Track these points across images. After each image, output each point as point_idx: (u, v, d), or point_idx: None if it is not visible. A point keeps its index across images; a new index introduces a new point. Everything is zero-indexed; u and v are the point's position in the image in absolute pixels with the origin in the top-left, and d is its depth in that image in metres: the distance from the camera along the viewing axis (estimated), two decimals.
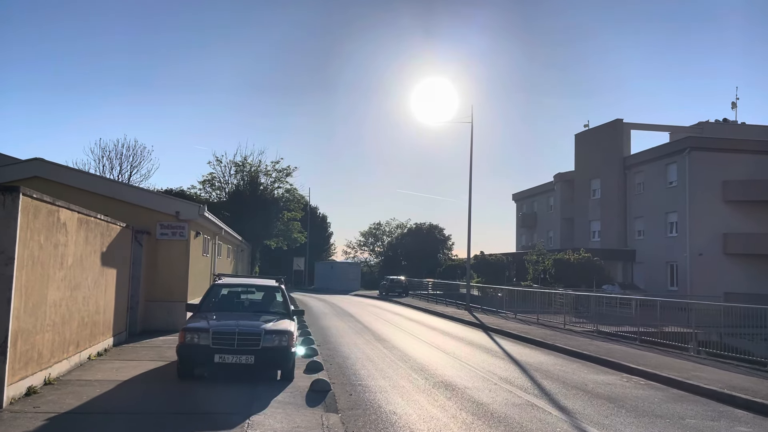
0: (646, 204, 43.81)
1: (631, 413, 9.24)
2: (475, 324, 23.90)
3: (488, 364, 13.73)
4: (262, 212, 41.29)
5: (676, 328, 19.59)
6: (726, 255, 38.87)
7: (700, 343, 20.11)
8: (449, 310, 30.53)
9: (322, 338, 17.56)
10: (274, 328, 9.69)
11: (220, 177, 45.72)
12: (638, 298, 20.80)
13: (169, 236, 16.82)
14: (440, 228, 76.51)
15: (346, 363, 13.11)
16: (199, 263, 18.82)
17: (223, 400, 8.45)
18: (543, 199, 61.75)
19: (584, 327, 22.38)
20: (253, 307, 11.09)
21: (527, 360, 14.70)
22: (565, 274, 36.22)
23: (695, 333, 20.58)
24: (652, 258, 42.56)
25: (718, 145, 39.92)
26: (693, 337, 20.61)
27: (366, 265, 76.56)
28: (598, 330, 20.70)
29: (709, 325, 19.37)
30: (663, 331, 19.57)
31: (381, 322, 23.92)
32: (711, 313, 20.26)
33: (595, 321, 22.11)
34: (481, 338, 19.38)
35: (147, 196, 17.34)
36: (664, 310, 20.10)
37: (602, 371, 13.35)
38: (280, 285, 11.64)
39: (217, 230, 22.18)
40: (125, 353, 12.33)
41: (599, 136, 48.78)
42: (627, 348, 16.88)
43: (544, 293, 26.38)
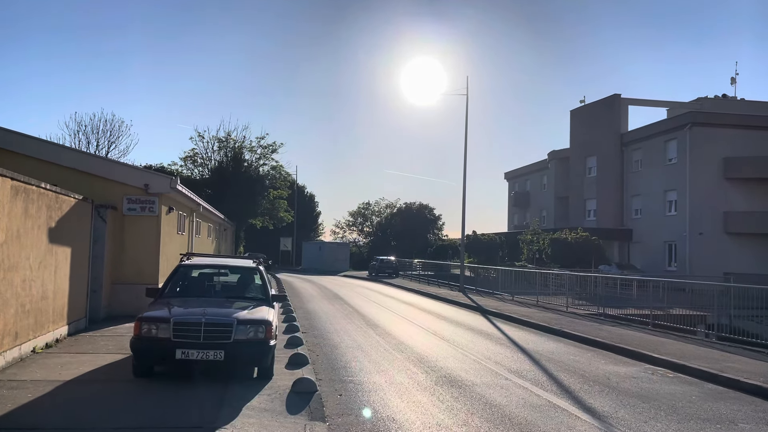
0: (644, 182, 42.50)
1: (671, 416, 7.82)
2: (471, 307, 22.50)
3: (494, 354, 12.29)
4: (246, 190, 39.54)
5: (682, 310, 18.38)
6: (727, 234, 37.73)
7: (709, 326, 18.98)
8: (443, 292, 29.15)
9: (308, 324, 16.05)
10: (249, 317, 8.12)
11: (203, 153, 43.86)
12: (652, 279, 19.42)
13: (138, 211, 15.14)
14: (430, 208, 75.09)
15: (334, 354, 11.61)
16: (172, 242, 17.17)
17: (183, 408, 6.91)
18: (536, 177, 60.38)
19: (588, 310, 21.06)
20: (226, 292, 9.48)
21: (535, 348, 13.28)
22: (563, 254, 34.94)
23: (705, 316, 19.46)
24: (649, 237, 41.38)
25: (720, 120, 38.54)
26: (702, 320, 19.47)
27: (355, 245, 75.02)
28: (605, 313, 19.36)
29: (714, 307, 18.19)
30: (669, 313, 18.36)
31: (372, 305, 22.46)
32: (712, 295, 19.16)
33: (598, 303, 20.78)
34: (480, 322, 17.97)
35: (112, 167, 15.60)
36: (666, 291, 18.92)
37: (621, 361, 11.95)
38: (258, 266, 10.05)
39: (194, 206, 20.50)
40: (80, 344, 10.73)
41: (596, 112, 47.27)
42: (640, 333, 15.53)
43: (545, 274, 24.98)
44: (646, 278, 20.14)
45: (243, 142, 43.02)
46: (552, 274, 24.76)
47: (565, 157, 52.59)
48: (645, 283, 19.98)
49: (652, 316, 17.32)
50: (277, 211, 45.10)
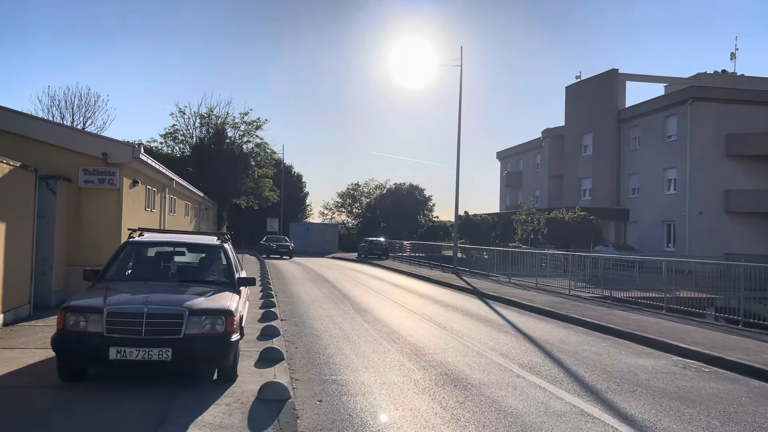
0: (642, 160, 41.11)
1: (729, 425, 6.33)
2: (467, 290, 21.02)
3: (498, 344, 10.78)
4: (228, 167, 37.68)
5: (689, 292, 17.05)
6: (727, 213, 36.51)
7: (717, 309, 17.68)
8: (435, 274, 27.66)
9: (289, 310, 14.47)
10: (205, 306, 6.51)
11: (184, 130, 41.82)
12: (664, 259, 17.97)
13: (96, 184, 13.42)
14: (420, 189, 73.53)
15: (316, 346, 10.04)
16: (138, 219, 15.45)
17: (108, 428, 5.31)
18: (529, 156, 58.91)
19: (591, 292, 19.68)
20: (183, 275, 7.81)
21: (544, 336, 11.80)
22: (559, 234, 33.56)
23: (714, 299, 18.15)
24: (647, 217, 40.11)
25: (723, 95, 37.11)
26: (711, 302, 18.15)
27: (344, 226, 73.42)
28: (612, 297, 17.96)
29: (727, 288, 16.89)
30: (677, 296, 16.99)
31: (361, 288, 20.91)
32: (720, 276, 17.95)
33: (603, 286, 19.40)
34: (478, 307, 16.49)
35: (64, 134, 13.82)
36: (673, 273, 17.63)
37: (644, 353, 10.48)
38: (222, 243, 8.39)
39: (165, 181, 18.75)
40: (12, 337, 9.07)
41: (592, 88, 45.70)
42: (655, 318, 14.10)
43: (544, 255, 23.51)
44: (660, 258, 18.67)
45: (226, 118, 41.06)
46: (552, 254, 23.27)
47: (559, 135, 51.11)
48: (655, 264, 18.56)
49: (666, 299, 15.91)
50: (261, 190, 43.30)
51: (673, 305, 15.66)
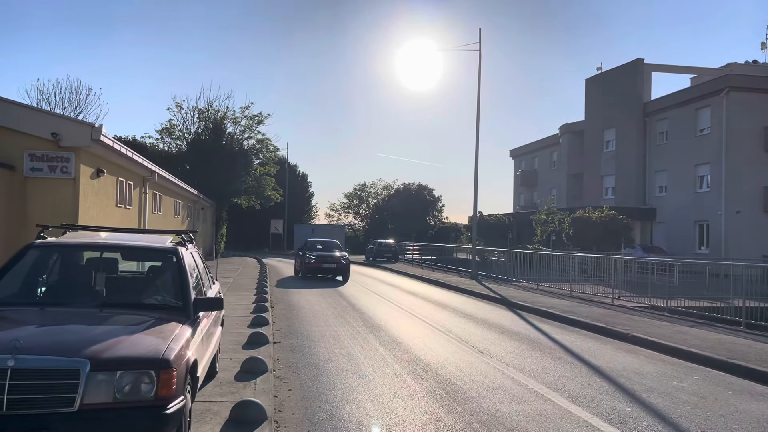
0: (670, 156, 38.25)
1: None
2: (492, 298, 18.33)
3: (558, 378, 8.10)
4: (227, 164, 35.07)
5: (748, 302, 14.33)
6: (766, 213, 33.66)
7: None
8: (452, 279, 24.96)
9: (286, 327, 11.82)
10: (121, 353, 3.85)
11: (181, 125, 39.25)
12: (740, 264, 15.26)
13: (46, 172, 10.88)
14: (430, 189, 71.04)
15: (317, 386, 7.38)
16: (108, 218, 12.87)
17: None
18: (545, 154, 56.12)
19: (637, 301, 17.01)
20: (111, 296, 5.16)
21: (611, 365, 9.11)
22: (586, 234, 30.79)
23: None
24: (676, 217, 37.24)
25: (762, 84, 34.21)
26: None
27: (350, 228, 70.88)
28: (668, 307, 15.24)
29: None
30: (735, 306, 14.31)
31: (371, 297, 18.25)
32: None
33: (651, 294, 16.72)
34: (512, 321, 13.80)
35: (2, 108, 11.18)
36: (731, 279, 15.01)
37: (763, 395, 7.77)
38: (176, 247, 5.71)
39: (144, 173, 16.16)
40: None
41: (615, 80, 42.88)
42: (742, 340, 11.34)
43: (587, 259, 20.79)
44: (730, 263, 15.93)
45: (226, 112, 38.48)
46: (588, 257, 20.52)
47: (579, 130, 48.30)
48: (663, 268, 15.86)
49: (745, 311, 13.13)
50: (263, 189, 40.64)
51: (755, 320, 12.91)
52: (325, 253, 24.23)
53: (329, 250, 24.92)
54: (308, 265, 23.33)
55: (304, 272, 23.58)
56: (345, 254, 24.55)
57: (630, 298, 17.48)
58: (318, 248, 25.10)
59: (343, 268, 23.61)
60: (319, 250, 24.83)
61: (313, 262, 23.28)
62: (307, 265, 23.39)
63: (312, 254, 23.75)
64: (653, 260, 19.28)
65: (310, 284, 21.87)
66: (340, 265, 23.60)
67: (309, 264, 23.32)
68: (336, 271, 23.65)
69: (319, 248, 25.14)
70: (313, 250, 24.61)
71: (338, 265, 23.56)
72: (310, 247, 25.09)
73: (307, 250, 24.44)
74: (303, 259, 23.82)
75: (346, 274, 23.94)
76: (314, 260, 23.29)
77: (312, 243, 25.96)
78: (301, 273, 23.93)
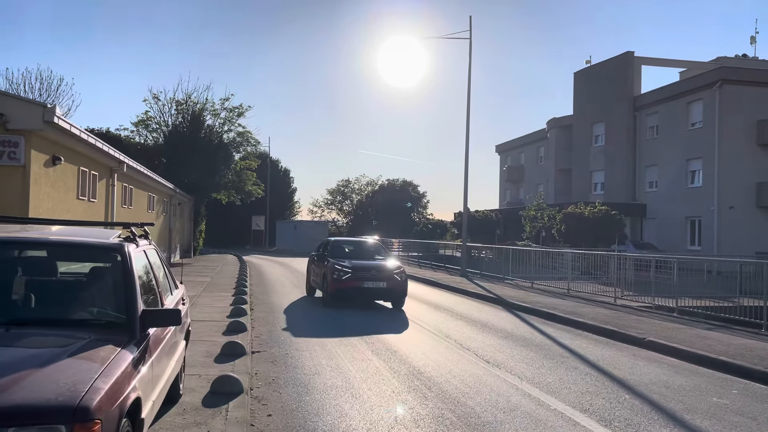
0: (660, 150, 37.52)
1: None
2: (487, 298, 17.24)
3: (580, 395, 6.99)
4: (206, 158, 33.59)
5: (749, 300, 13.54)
6: (759, 208, 33.02)
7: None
8: (442, 277, 23.87)
9: (267, 334, 10.57)
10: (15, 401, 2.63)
11: (158, 117, 37.61)
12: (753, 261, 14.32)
13: None
14: (414, 185, 70.21)
15: (302, 407, 6.18)
16: (65, 210, 11.52)
17: None
18: (532, 149, 55.28)
19: (640, 301, 16.04)
20: (29, 308, 3.86)
21: (636, 377, 8.04)
22: (578, 230, 29.86)
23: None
24: (667, 213, 36.51)
25: (756, 78, 33.57)
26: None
27: (334, 225, 69.62)
28: (677, 307, 14.26)
29: None
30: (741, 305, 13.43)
31: None
32: None
33: (654, 293, 15.80)
34: (513, 324, 12.70)
35: None
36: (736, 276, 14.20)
37: None
38: (122, 244, 4.43)
39: (112, 163, 14.78)
40: None
41: (604, 73, 42.06)
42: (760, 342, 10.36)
43: (585, 256, 19.80)
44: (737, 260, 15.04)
45: (205, 104, 36.93)
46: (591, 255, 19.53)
47: (567, 125, 47.46)
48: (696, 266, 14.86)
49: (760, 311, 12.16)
50: (244, 184, 39.19)
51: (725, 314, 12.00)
52: (365, 261, 15.06)
53: (369, 255, 15.94)
54: (340, 283, 13.98)
55: (333, 296, 14.15)
56: (399, 265, 15.28)
57: (632, 298, 16.52)
58: (349, 252, 16.08)
59: (397, 288, 14.33)
60: (352, 255, 15.76)
61: (347, 278, 13.99)
62: (337, 282, 13.98)
63: (344, 263, 14.43)
64: (656, 257, 18.36)
65: (294, 282, 20.54)
66: (394, 284, 14.25)
67: (341, 280, 13.97)
68: (387, 293, 14.42)
69: (351, 252, 16.11)
70: (342, 255, 15.46)
71: (390, 284, 14.21)
72: (335, 250, 15.79)
73: (333, 255, 15.20)
74: (328, 270, 14.39)
75: (401, 298, 14.60)
76: (349, 274, 14.06)
77: (338, 244, 16.55)
78: (327, 296, 14.37)
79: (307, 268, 17.52)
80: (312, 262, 16.92)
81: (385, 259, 15.68)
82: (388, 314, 13.84)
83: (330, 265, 14.44)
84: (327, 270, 14.48)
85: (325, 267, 14.74)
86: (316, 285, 16.07)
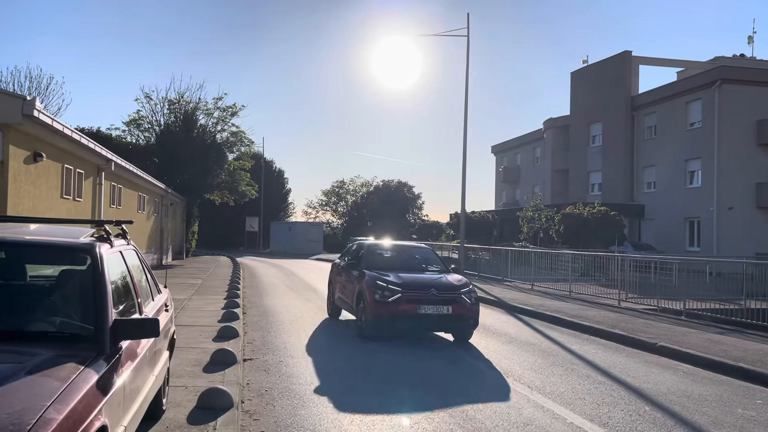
0: (659, 150, 37.15)
1: None
2: (487, 300, 16.73)
3: (596, 406, 6.50)
4: (199, 157, 33.01)
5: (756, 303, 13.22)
6: (759, 209, 32.70)
7: None
8: None
9: (260, 339, 10.03)
10: None
11: (150, 117, 36.99)
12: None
13: None
14: (410, 186, 69.65)
15: (297, 422, 5.66)
16: (47, 209, 10.97)
17: None
18: (528, 150, 54.94)
19: (645, 303, 15.64)
20: None
21: (653, 386, 7.56)
22: (577, 231, 29.44)
23: None
24: (666, 213, 36.15)
25: (755, 77, 33.26)
26: None
27: (328, 226, 69.11)
28: (685, 311, 13.82)
29: None
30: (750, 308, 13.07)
31: None
32: None
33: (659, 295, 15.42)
34: (517, 328, 12.22)
35: None
36: None
37: None
38: (94, 244, 3.80)
39: (98, 161, 14.23)
40: None
41: (602, 73, 41.70)
42: None
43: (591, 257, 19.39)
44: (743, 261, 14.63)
45: (198, 103, 36.33)
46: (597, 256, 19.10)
47: (564, 125, 47.08)
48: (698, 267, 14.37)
49: None
50: (237, 184, 38.59)
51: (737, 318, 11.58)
52: (417, 275, 10.71)
53: (419, 266, 11.50)
54: (385, 307, 9.74)
55: (375, 324, 9.87)
56: (466, 281, 10.70)
57: (637, 300, 16.11)
58: (391, 261, 11.53)
59: (467, 314, 9.98)
60: (396, 265, 11.18)
61: (396, 300, 9.73)
62: (381, 305, 9.77)
63: (388, 278, 10.17)
64: (661, 258, 17.95)
65: (288, 284, 20.01)
66: (462, 309, 9.93)
67: (387, 303, 9.75)
68: (452, 322, 9.99)
69: (393, 261, 11.54)
70: (382, 265, 11.07)
71: (457, 308, 9.88)
72: (372, 258, 11.45)
73: (370, 265, 10.97)
74: (365, 287, 10.10)
75: (470, 329, 10.26)
76: (399, 294, 9.80)
77: (375, 250, 12.05)
78: (366, 324, 10.03)
79: (329, 280, 13.16)
80: (337, 272, 12.56)
81: (444, 272, 11.04)
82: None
83: (369, 280, 9.98)
84: (364, 287, 9.99)
85: (359, 282, 10.29)
86: (343, 305, 11.64)
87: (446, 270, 11.40)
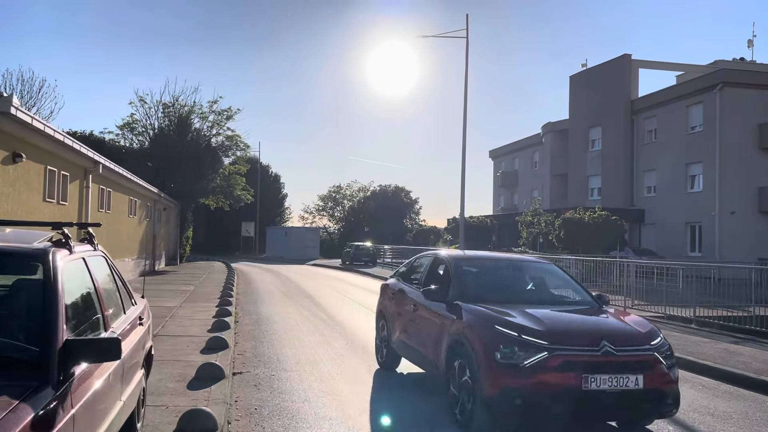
0: (659, 154, 36.75)
1: None
2: None
3: None
4: (193, 162, 32.47)
5: None
6: (761, 213, 32.29)
7: None
8: None
9: (251, 350, 9.47)
10: None
11: (144, 120, 36.44)
12: None
13: None
14: (407, 190, 69.24)
15: None
16: (28, 213, 10.42)
17: None
18: (526, 154, 54.54)
19: (651, 311, 15.15)
20: None
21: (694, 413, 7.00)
22: (577, 237, 28.96)
23: None
24: (666, 218, 35.71)
25: (757, 80, 32.89)
26: None
27: (325, 231, 68.55)
28: (696, 318, 13.32)
29: None
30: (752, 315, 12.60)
31: (353, 308, 16.02)
32: None
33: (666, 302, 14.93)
34: None
35: None
36: None
37: None
38: (49, 251, 3.25)
39: (85, 163, 13.67)
40: None
41: (601, 77, 41.33)
42: None
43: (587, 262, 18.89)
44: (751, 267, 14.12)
45: (192, 107, 35.80)
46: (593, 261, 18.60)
47: (562, 129, 46.69)
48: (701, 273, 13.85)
49: None
50: (233, 189, 38.04)
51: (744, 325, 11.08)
52: (564, 314, 6.23)
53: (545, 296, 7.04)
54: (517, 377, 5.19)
55: (495, 408, 5.23)
56: (653, 328, 6.08)
57: (643, 307, 15.61)
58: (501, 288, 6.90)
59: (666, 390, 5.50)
60: (511, 296, 6.67)
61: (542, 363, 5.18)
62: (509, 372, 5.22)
63: (516, 320, 5.63)
64: (666, 264, 17.46)
65: (283, 291, 19.42)
66: (659, 377, 5.48)
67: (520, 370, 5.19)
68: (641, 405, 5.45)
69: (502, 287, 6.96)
70: (488, 295, 6.47)
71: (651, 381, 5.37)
72: (468, 283, 6.80)
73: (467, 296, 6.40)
74: (476, 336, 5.57)
75: (667, 413, 5.70)
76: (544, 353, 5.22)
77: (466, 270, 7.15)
78: (475, 410, 5.34)
79: (377, 310, 8.89)
80: (394, 299, 8.24)
81: (593, 305, 6.68)
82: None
83: (478, 321, 5.80)
84: (468, 334, 5.76)
85: (454, 323, 6.07)
86: (410, 354, 7.45)
87: (595, 301, 6.75)
